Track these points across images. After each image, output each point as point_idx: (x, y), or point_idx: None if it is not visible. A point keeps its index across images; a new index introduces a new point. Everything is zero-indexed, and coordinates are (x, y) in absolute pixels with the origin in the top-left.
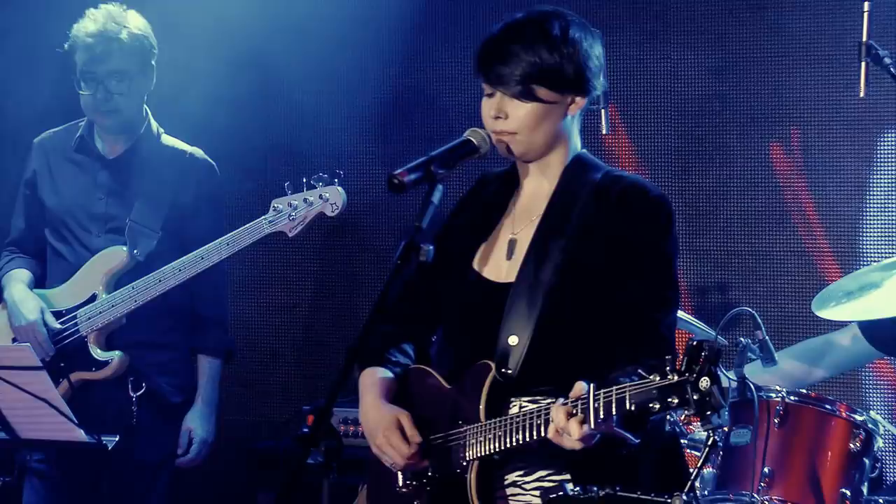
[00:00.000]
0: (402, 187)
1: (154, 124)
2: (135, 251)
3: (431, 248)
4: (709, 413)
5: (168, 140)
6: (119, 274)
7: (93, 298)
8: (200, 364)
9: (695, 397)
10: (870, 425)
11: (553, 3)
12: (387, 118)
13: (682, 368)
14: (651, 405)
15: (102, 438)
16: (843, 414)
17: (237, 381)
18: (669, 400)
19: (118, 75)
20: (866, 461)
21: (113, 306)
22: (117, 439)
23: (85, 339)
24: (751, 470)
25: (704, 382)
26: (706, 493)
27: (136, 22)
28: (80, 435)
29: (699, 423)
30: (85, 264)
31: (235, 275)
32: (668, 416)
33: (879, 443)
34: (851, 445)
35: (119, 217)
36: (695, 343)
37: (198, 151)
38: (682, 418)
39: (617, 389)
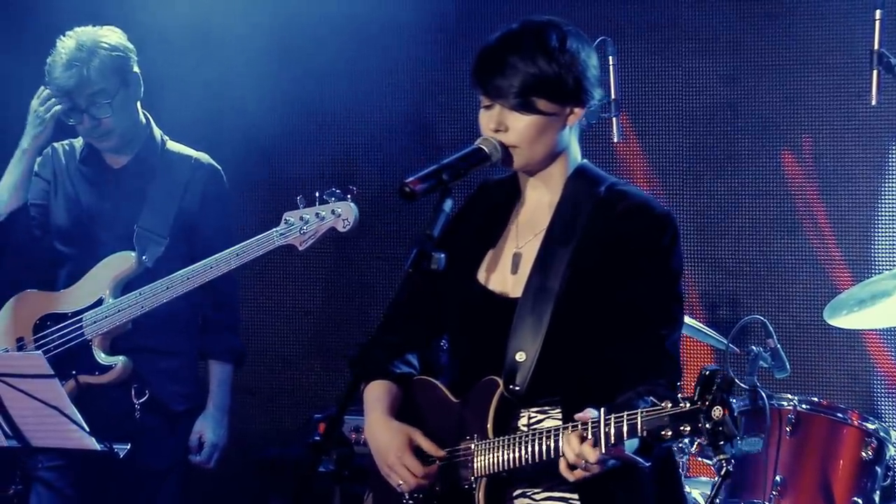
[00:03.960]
0: (413, 196)
1: (157, 131)
2: (143, 257)
3: (443, 255)
4: (721, 443)
5: (173, 146)
6: (127, 279)
7: (99, 302)
8: (211, 369)
9: (707, 426)
10: (882, 434)
11: (567, 11)
12: (399, 124)
13: (695, 397)
14: (663, 432)
15: (114, 447)
16: (855, 422)
17: (247, 388)
18: (682, 428)
19: (99, 98)
20: (878, 470)
21: (119, 311)
22: (129, 447)
23: (89, 343)
24: (763, 478)
25: (717, 411)
26: (717, 501)
27: (107, 39)
28: (92, 443)
29: (710, 452)
30: (93, 268)
31: (246, 281)
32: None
33: (892, 451)
34: (863, 454)
35: (127, 224)
36: (707, 372)
37: (203, 156)
38: (695, 447)
39: (629, 415)
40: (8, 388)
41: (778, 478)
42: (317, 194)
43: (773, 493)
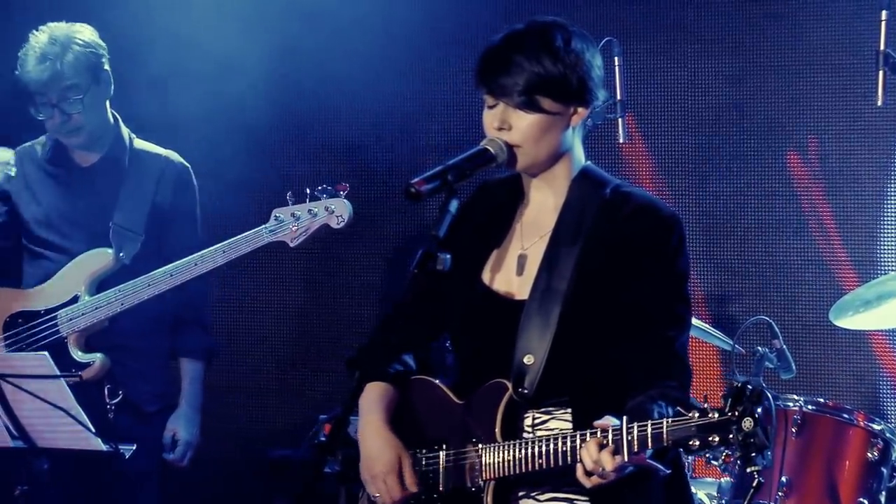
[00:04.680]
0: (418, 196)
1: (125, 130)
2: (121, 254)
3: (448, 256)
4: (753, 454)
5: (141, 144)
6: (103, 276)
7: (75, 300)
8: (183, 367)
9: (739, 438)
10: (888, 434)
11: (573, 11)
12: (399, 125)
13: (726, 408)
14: (690, 443)
15: (120, 447)
16: (861, 423)
17: (250, 389)
18: (710, 439)
19: (71, 93)
20: (884, 470)
21: (97, 308)
22: (134, 447)
23: (65, 340)
24: (768, 479)
25: (748, 423)
26: (724, 502)
27: (80, 36)
28: (98, 444)
29: (742, 463)
30: (67, 265)
31: (247, 283)
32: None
33: None
34: (869, 454)
35: (99, 223)
36: (738, 384)
37: (173, 154)
38: (724, 458)
39: (653, 424)
40: (14, 388)
41: (784, 478)
42: (307, 190)
43: (779, 493)
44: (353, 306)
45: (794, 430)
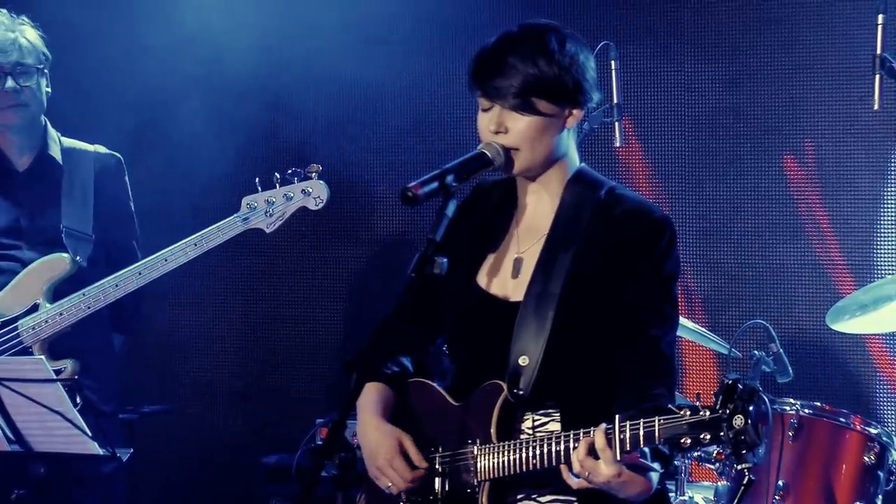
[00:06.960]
0: (415, 200)
1: (52, 131)
2: (77, 258)
3: (445, 260)
4: (744, 452)
5: (70, 143)
6: (59, 281)
7: (34, 308)
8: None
9: (729, 435)
10: (884, 438)
11: (571, 15)
12: (402, 130)
13: (717, 406)
14: (682, 440)
15: (117, 451)
16: (858, 427)
17: (250, 393)
18: (702, 436)
19: (23, 68)
20: (881, 474)
21: (61, 315)
22: (131, 451)
23: (29, 350)
24: (765, 483)
25: (738, 420)
26: None
27: (31, 30)
28: (95, 447)
29: (733, 461)
30: (21, 273)
31: (244, 287)
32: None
33: (894, 456)
34: (866, 458)
35: (47, 227)
36: (729, 381)
37: (101, 148)
38: (715, 455)
39: (645, 422)
40: (10, 392)
41: (780, 482)
42: (277, 175)
43: (776, 497)
44: (351, 310)
45: (790, 433)
